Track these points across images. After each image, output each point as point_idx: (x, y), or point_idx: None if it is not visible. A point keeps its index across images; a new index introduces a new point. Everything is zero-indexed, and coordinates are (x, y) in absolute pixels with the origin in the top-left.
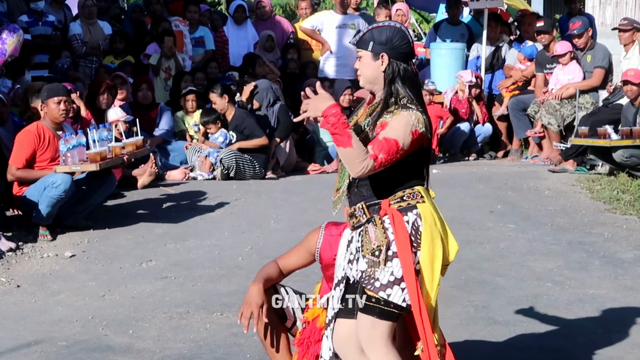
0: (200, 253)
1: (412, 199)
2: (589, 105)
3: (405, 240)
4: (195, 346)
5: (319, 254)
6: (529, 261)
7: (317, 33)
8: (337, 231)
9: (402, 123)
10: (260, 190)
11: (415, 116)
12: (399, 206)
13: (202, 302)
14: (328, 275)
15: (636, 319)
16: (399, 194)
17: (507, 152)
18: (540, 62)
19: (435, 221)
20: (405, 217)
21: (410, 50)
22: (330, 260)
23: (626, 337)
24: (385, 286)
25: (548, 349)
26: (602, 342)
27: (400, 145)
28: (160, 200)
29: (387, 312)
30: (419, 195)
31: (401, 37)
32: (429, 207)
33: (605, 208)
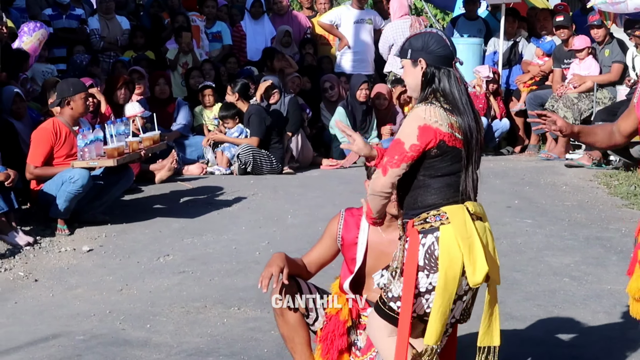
0: (217, 248)
1: (435, 221)
2: (606, 100)
3: (412, 263)
4: (212, 340)
5: (340, 236)
6: (546, 256)
7: (335, 28)
8: (357, 212)
9: (411, 118)
10: (277, 185)
11: (432, 111)
12: (422, 228)
13: (219, 296)
14: (349, 257)
15: None
16: (423, 215)
17: (524, 148)
18: (558, 57)
19: (457, 244)
20: (423, 239)
21: (448, 52)
22: (352, 240)
23: None
24: (396, 298)
25: (564, 345)
26: (618, 339)
27: (403, 142)
28: (177, 195)
29: (394, 319)
30: (444, 216)
31: (437, 41)
32: (453, 229)
33: (623, 203)
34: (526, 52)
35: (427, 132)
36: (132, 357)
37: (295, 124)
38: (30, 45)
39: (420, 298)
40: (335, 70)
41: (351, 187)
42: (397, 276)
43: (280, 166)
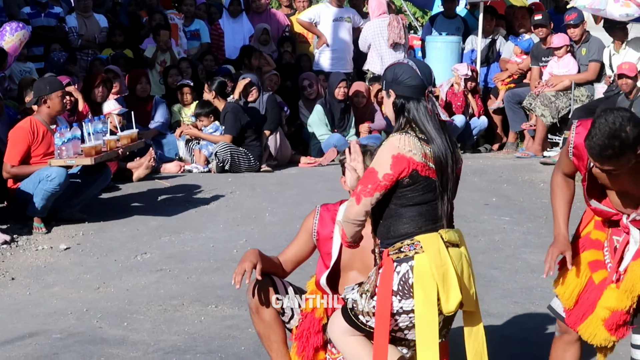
0: (195, 246)
1: (409, 251)
2: (584, 98)
3: (386, 289)
4: (189, 338)
5: (316, 231)
6: (523, 254)
7: (314, 26)
8: (333, 207)
9: (385, 147)
10: (255, 183)
11: (406, 140)
12: (397, 257)
13: (197, 294)
14: (325, 252)
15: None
16: (398, 244)
17: (502, 145)
18: (536, 55)
19: (431, 273)
20: (398, 267)
21: (418, 82)
22: (327, 235)
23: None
24: (365, 313)
25: (542, 343)
26: None
27: (377, 171)
28: (155, 193)
29: (358, 327)
30: (418, 245)
31: (405, 71)
32: (427, 258)
33: None
34: (504, 50)
35: (400, 162)
36: (109, 356)
37: (273, 122)
38: (11, 44)
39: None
40: (313, 68)
41: (329, 185)
42: (367, 298)
43: (258, 164)
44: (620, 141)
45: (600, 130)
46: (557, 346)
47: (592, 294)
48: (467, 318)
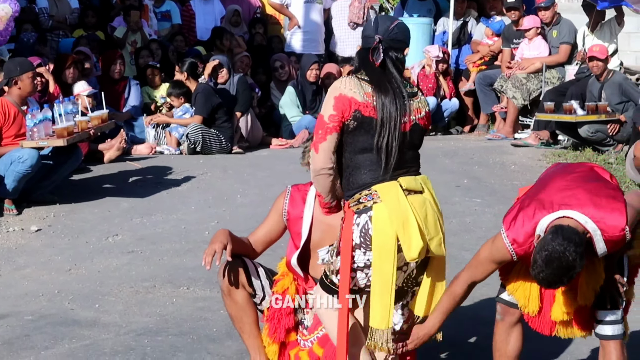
0: (166, 227)
1: (367, 201)
2: (555, 80)
3: (347, 242)
4: (161, 320)
5: (286, 211)
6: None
7: (286, 7)
8: (304, 188)
9: (329, 92)
10: (227, 164)
11: (347, 81)
12: (357, 208)
13: (169, 276)
14: (295, 232)
15: None
16: (357, 196)
17: (473, 127)
18: (507, 37)
19: (389, 222)
20: (357, 219)
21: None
22: (297, 215)
23: None
24: (337, 272)
25: None
26: None
27: (322, 115)
28: (126, 175)
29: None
30: (376, 195)
31: (367, 25)
32: (385, 207)
33: None
34: (476, 32)
35: (341, 101)
36: (81, 337)
37: (244, 104)
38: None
39: (359, 272)
40: (285, 50)
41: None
42: (334, 254)
43: (230, 146)
44: (567, 270)
45: (545, 263)
46: (500, 330)
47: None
48: (434, 263)
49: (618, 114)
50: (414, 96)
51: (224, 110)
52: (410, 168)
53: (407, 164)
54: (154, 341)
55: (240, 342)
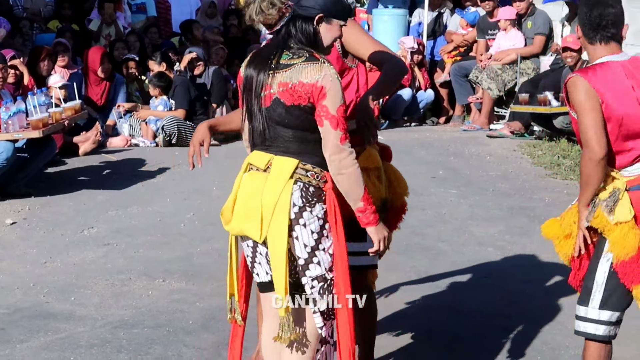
0: (142, 220)
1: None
2: (530, 71)
3: None
4: (137, 313)
5: None
6: (470, 226)
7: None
8: None
9: None
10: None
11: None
12: None
13: (144, 268)
14: None
15: None
16: None
17: (449, 118)
18: (482, 28)
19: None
20: None
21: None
22: None
23: (567, 302)
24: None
25: (491, 315)
26: (544, 307)
27: None
28: (101, 167)
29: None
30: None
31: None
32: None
33: (546, 173)
34: (450, 23)
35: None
36: (57, 330)
37: (219, 96)
38: None
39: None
40: (261, 42)
41: None
42: None
43: None
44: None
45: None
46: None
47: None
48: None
49: None
50: (288, 67)
51: (200, 102)
52: (276, 146)
53: (274, 142)
54: (130, 334)
55: (217, 334)
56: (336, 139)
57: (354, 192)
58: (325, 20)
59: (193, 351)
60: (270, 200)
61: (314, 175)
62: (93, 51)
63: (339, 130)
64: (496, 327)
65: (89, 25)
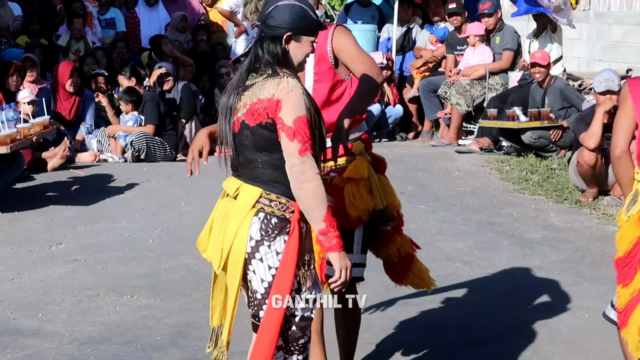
0: (110, 236)
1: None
2: (498, 87)
3: None
4: (105, 329)
5: None
6: (438, 242)
7: (235, 15)
8: None
9: None
10: (171, 172)
11: None
12: None
13: (112, 284)
14: None
15: (544, 298)
16: None
17: (418, 134)
18: (451, 44)
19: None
20: None
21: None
22: None
23: (535, 317)
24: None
25: (459, 329)
26: (512, 322)
27: None
28: (70, 183)
29: None
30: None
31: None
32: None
33: (514, 189)
34: (419, 39)
35: None
36: (24, 347)
37: (188, 111)
38: None
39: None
40: (230, 57)
41: None
42: None
43: (174, 153)
44: None
45: None
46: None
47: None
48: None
49: (560, 120)
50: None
51: (169, 117)
52: (246, 172)
53: (244, 167)
54: (98, 350)
55: (185, 350)
56: (294, 151)
57: (314, 210)
58: (294, 38)
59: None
60: (230, 231)
61: (278, 205)
62: (63, 65)
63: (297, 142)
64: (465, 341)
65: (58, 41)
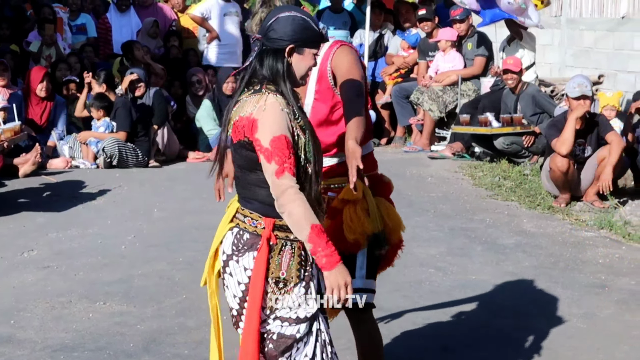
0: (82, 242)
1: None
2: (471, 93)
3: None
4: (77, 335)
5: None
6: (412, 247)
7: (206, 21)
8: None
9: None
10: (144, 178)
11: None
12: None
13: (85, 291)
14: None
15: (518, 303)
16: None
17: (390, 140)
18: (423, 50)
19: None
20: None
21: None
22: None
23: (508, 322)
24: None
25: (432, 335)
26: (485, 328)
27: None
28: (42, 189)
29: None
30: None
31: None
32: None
33: (487, 194)
34: (391, 45)
35: None
36: None
37: (160, 117)
38: None
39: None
40: (203, 63)
41: None
42: None
43: (147, 159)
44: None
45: None
46: None
47: None
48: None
49: (533, 126)
50: (237, 103)
51: (141, 124)
52: (236, 188)
53: (240, 188)
54: (70, 357)
55: (158, 357)
56: (272, 172)
57: (299, 232)
58: (297, 50)
59: None
60: (213, 245)
61: (250, 221)
62: (35, 70)
63: (274, 163)
64: (438, 347)
65: (29, 47)
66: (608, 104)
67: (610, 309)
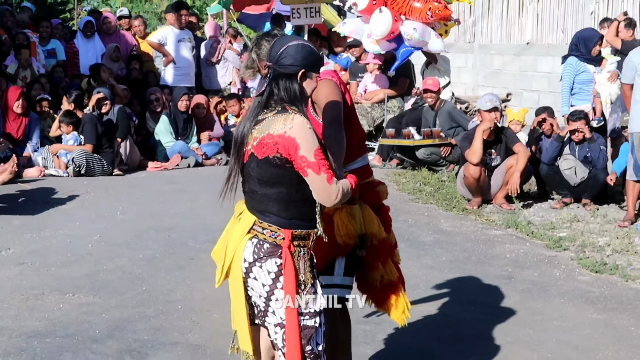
0: (54, 242)
1: None
2: (395, 109)
3: None
4: (49, 324)
5: None
6: None
7: (162, 46)
8: None
9: None
10: (108, 185)
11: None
12: None
13: (56, 284)
14: None
15: (438, 293)
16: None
17: None
18: (353, 72)
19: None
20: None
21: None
22: None
23: (428, 309)
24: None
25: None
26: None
27: None
28: (18, 195)
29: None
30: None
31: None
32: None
33: (410, 198)
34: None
35: None
36: None
37: (123, 131)
38: None
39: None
40: (160, 83)
41: (174, 187)
42: None
43: (111, 168)
44: None
45: None
46: None
47: None
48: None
49: (450, 138)
50: (260, 122)
51: (106, 137)
52: (249, 200)
53: (249, 195)
54: (43, 343)
55: (120, 342)
56: (323, 183)
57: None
58: (307, 75)
59: (100, 357)
60: (229, 251)
61: (269, 233)
62: (12, 90)
63: (323, 172)
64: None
65: (7, 69)
66: (514, 118)
67: (515, 297)
